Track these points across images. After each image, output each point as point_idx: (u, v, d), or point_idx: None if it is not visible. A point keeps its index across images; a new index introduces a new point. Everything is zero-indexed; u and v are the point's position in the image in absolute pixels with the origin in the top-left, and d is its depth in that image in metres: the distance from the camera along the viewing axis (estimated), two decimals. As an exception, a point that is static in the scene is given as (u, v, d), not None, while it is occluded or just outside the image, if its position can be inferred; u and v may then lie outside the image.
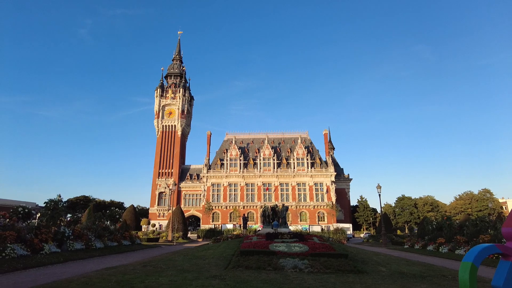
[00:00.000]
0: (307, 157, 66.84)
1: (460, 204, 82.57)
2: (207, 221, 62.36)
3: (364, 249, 20.07)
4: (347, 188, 73.75)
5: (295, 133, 74.29)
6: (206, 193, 65.47)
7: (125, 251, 19.13)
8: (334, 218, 61.42)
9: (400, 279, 9.97)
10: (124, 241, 21.77)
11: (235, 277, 9.65)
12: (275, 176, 65.86)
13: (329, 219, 61.51)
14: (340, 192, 69.58)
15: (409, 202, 79.96)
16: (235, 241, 18.52)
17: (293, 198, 64.62)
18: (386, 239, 29.10)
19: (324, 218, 62.81)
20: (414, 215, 76.75)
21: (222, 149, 71.51)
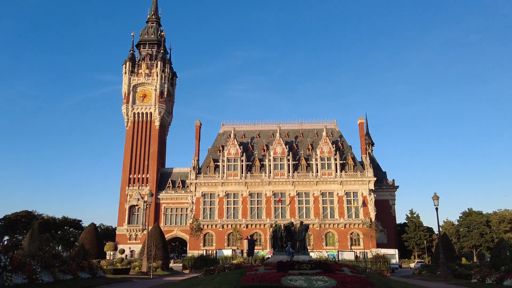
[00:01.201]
0: (335, 156, 66.83)
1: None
2: (197, 246, 62.77)
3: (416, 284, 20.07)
4: (391, 200, 73.61)
5: (318, 122, 74.30)
6: (195, 206, 65.83)
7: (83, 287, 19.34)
8: (373, 241, 61.41)
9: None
10: (82, 273, 21.97)
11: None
12: (290, 183, 66.00)
13: (366, 242, 61.51)
14: (381, 205, 69.43)
15: (479, 218, 79.49)
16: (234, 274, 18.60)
17: (315, 213, 64.72)
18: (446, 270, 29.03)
19: (359, 242, 62.74)
20: (486, 237, 76.27)
21: (217, 145, 71.80)
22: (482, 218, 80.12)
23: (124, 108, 79.20)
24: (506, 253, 23.70)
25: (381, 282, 15.84)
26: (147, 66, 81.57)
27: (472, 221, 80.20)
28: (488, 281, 22.68)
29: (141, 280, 25.49)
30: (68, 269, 20.73)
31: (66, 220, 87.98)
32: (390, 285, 15.65)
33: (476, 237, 77.91)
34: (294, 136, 72.86)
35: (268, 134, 72.98)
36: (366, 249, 57.97)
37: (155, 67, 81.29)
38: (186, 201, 70.29)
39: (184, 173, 75.13)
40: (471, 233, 79.89)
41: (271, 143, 69.89)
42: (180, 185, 74.61)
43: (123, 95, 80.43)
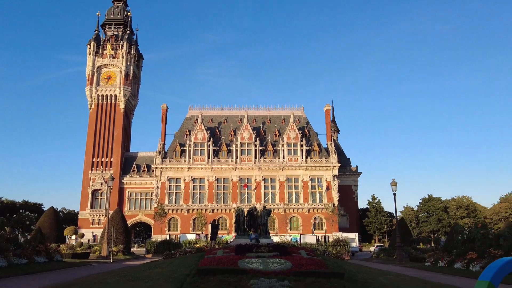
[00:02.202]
0: (302, 142, 67.55)
1: (505, 207, 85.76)
2: (161, 231, 62.52)
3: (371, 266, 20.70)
4: (354, 185, 75.26)
5: (286, 109, 74.79)
6: (160, 191, 65.42)
7: (39, 271, 19.13)
8: (335, 225, 62.77)
9: (410, 306, 10.38)
10: (38, 257, 21.67)
11: (186, 304, 9.81)
12: (256, 169, 66.41)
13: (329, 226, 62.82)
14: (345, 191, 70.92)
15: (438, 204, 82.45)
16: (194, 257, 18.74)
17: (280, 198, 65.50)
18: (402, 253, 30.08)
19: (322, 226, 64.09)
20: (443, 222, 79.28)
21: (184, 130, 71.27)
22: (441, 204, 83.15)
23: (88, 90, 77.17)
24: (458, 237, 24.73)
25: (335, 264, 16.29)
26: (112, 47, 79.60)
27: (431, 207, 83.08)
28: (440, 264, 23.67)
29: (100, 265, 25.27)
30: (24, 253, 20.41)
31: (26, 204, 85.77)
32: (344, 267, 16.09)
33: (435, 223, 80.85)
34: (261, 122, 73.09)
35: (236, 119, 72.90)
36: (328, 233, 59.28)
37: (120, 48, 79.41)
38: (151, 186, 69.66)
39: (150, 158, 74.32)
40: (430, 218, 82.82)
41: (238, 128, 69.88)
42: (145, 170, 73.77)
43: (87, 77, 78.31)
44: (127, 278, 14.39)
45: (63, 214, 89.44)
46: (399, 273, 19.09)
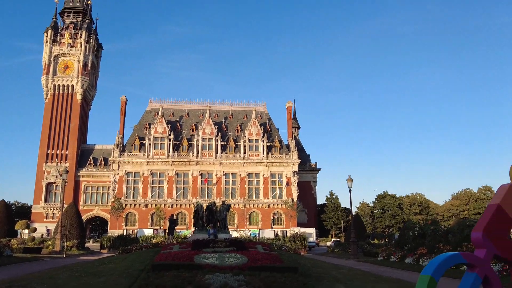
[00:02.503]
0: (263, 138, 67.97)
1: (456, 204, 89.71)
2: (118, 225, 61.43)
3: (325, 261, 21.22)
4: (313, 182, 76.54)
5: (248, 104, 74.96)
6: (117, 185, 64.22)
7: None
8: (293, 220, 63.65)
9: (359, 299, 10.76)
10: (-14, 252, 20.93)
11: (138, 300, 9.78)
12: (218, 164, 66.31)
13: (288, 221, 63.67)
14: (304, 187, 72.01)
15: (393, 201, 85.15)
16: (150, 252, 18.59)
17: (241, 194, 65.75)
18: (356, 248, 30.91)
19: (281, 221, 64.88)
20: (397, 218, 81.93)
21: (143, 123, 70.14)
22: (395, 200, 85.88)
23: (44, 79, 74.48)
24: (409, 233, 25.70)
25: (291, 259, 16.58)
26: (71, 36, 77.13)
27: (386, 203, 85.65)
28: (392, 259, 24.50)
29: (52, 260, 24.60)
30: (-30, 248, 19.65)
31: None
32: (300, 261, 16.43)
33: (389, 218, 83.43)
34: (223, 117, 72.98)
35: (198, 113, 72.43)
36: (287, 228, 60.13)
37: (79, 37, 77.10)
38: (108, 180, 68.23)
39: (107, 151, 72.74)
40: (385, 214, 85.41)
41: (200, 123, 69.49)
42: (102, 163, 72.14)
43: (43, 65, 75.53)
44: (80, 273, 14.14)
45: (15, 208, 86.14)
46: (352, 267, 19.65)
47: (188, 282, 12.04)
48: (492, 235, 6.35)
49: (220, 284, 11.80)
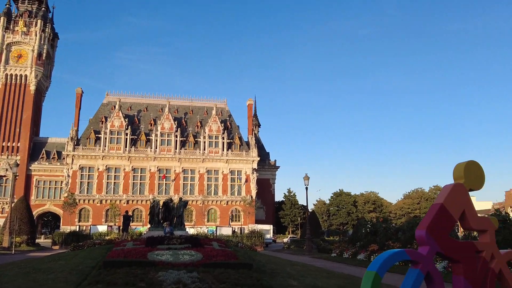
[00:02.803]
0: (223, 134, 67.81)
1: (408, 203, 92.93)
2: (71, 221, 59.63)
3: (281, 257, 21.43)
4: (272, 179, 77.18)
5: (209, 100, 74.53)
6: (71, 180, 62.30)
7: None
8: (251, 217, 63.97)
9: (310, 295, 10.97)
10: None
11: (88, 297, 9.57)
12: (176, 160, 65.59)
13: (246, 218, 63.88)
14: (263, 184, 72.40)
15: (348, 199, 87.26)
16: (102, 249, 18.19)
17: (200, 190, 65.38)
18: (311, 245, 31.49)
19: (240, 218, 65.05)
20: (352, 216, 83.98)
21: (99, 116, 68.36)
22: (350, 198, 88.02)
23: (-5, 68, 71.24)
24: (362, 230, 26.44)
25: (246, 255, 16.68)
26: (25, 24, 73.95)
27: (342, 201, 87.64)
28: (345, 255, 25.16)
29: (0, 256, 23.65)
30: None
31: None
32: (255, 258, 16.55)
33: (344, 216, 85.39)
34: (183, 112, 72.22)
35: (157, 108, 71.32)
36: (245, 224, 60.39)
37: (34, 25, 74.07)
38: (62, 174, 66.12)
39: (61, 144, 70.43)
40: (340, 211, 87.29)
41: (159, 117, 68.48)
42: (56, 157, 69.74)
43: (-6, 53, 72.22)
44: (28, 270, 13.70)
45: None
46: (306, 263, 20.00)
47: (140, 279, 11.88)
48: (435, 233, 6.64)
49: (173, 281, 11.72)
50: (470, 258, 6.83)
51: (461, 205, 6.99)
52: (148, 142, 66.35)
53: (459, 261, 6.73)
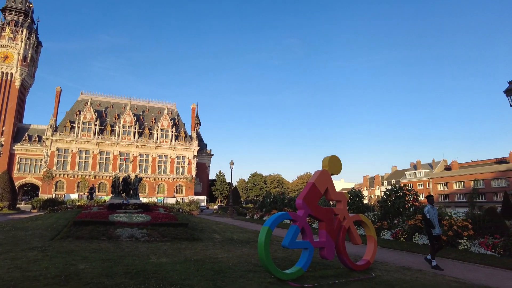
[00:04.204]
0: (172, 129, 65.95)
1: (300, 182, 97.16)
2: (48, 191, 54.93)
3: (210, 219, 21.67)
4: (208, 163, 76.56)
5: (162, 103, 72.00)
6: (49, 159, 57.16)
7: None
8: (191, 191, 63.13)
9: (227, 244, 11.35)
10: None
11: (60, 247, 9.14)
12: (134, 146, 62.68)
13: (187, 191, 62.92)
14: (201, 166, 71.73)
15: (260, 178, 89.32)
16: (73, 212, 17.18)
17: (152, 170, 63.13)
18: (233, 210, 31.99)
19: (182, 191, 63.87)
20: (263, 190, 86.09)
21: (75, 110, 63.31)
22: (262, 178, 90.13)
23: (-17, 65, 62.96)
24: (267, 200, 27.44)
25: (184, 218, 16.66)
26: (12, 31, 65.77)
27: (256, 180, 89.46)
28: (256, 217, 26.02)
29: (-16, 218, 21.32)
30: None
31: None
32: (191, 219, 16.59)
33: (257, 190, 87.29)
34: (141, 110, 69.08)
35: (121, 106, 67.49)
36: (186, 196, 59.46)
37: (20, 33, 66.23)
38: (41, 154, 60.44)
39: (41, 130, 64.33)
40: (255, 187, 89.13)
41: (122, 113, 64.87)
42: (37, 140, 63.52)
43: (-17, 53, 63.76)
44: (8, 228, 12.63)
45: None
46: (228, 223, 20.42)
47: (103, 234, 11.55)
48: (308, 201, 7.30)
49: (127, 236, 11.52)
50: (330, 219, 7.60)
51: (325, 184, 7.74)
52: (113, 132, 62.66)
53: (323, 220, 7.48)
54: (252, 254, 9.20)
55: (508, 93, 12.13)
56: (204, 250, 9.74)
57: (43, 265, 6.77)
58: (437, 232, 8.60)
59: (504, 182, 59.60)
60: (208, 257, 8.51)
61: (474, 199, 17.55)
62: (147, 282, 5.73)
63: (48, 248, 8.86)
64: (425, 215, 8.94)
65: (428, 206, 9.01)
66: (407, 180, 78.00)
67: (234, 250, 10.12)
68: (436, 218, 8.68)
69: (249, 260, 8.33)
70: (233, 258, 8.58)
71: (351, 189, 19.03)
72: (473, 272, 8.23)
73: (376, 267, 8.08)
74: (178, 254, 8.89)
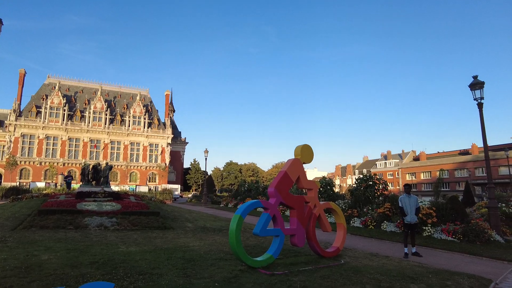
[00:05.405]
0: (145, 116, 64.35)
1: (275, 171, 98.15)
2: (12, 178, 52.41)
3: (183, 207, 21.48)
4: (182, 151, 75.62)
5: (134, 88, 69.86)
6: (13, 145, 54.35)
7: None
8: (165, 179, 62.24)
9: (200, 233, 11.29)
10: None
11: (22, 238, 8.74)
12: (105, 133, 60.72)
13: (160, 180, 61.98)
14: (175, 155, 70.72)
15: (236, 167, 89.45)
16: (39, 200, 16.47)
17: (124, 157, 61.56)
18: (207, 199, 31.87)
19: (156, 179, 62.86)
20: (238, 179, 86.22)
21: (41, 94, 60.26)
22: (238, 167, 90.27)
23: None
24: (241, 189, 27.54)
25: (156, 206, 16.40)
26: (-31, 8, 61.65)
27: (231, 168, 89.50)
28: (230, 206, 26.04)
29: None
30: None
31: None
32: (163, 208, 16.37)
33: (233, 179, 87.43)
34: (113, 96, 66.76)
35: (91, 91, 64.90)
36: (159, 184, 58.54)
37: (-22, 11, 62.16)
38: (4, 140, 57.27)
39: (3, 114, 60.75)
40: (230, 176, 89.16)
41: (92, 99, 62.46)
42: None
43: None
44: (-34, 218, 11.91)
45: None
46: (201, 211, 20.32)
47: (70, 223, 11.17)
48: (280, 190, 7.33)
49: (96, 224, 11.19)
50: (301, 206, 7.68)
51: (297, 172, 7.79)
52: (83, 118, 60.33)
53: (294, 208, 7.55)
54: (224, 242, 9.20)
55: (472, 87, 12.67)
56: (175, 239, 9.63)
57: (2, 256, 6.44)
58: (408, 219, 8.87)
59: (466, 172, 62.85)
60: (179, 246, 8.42)
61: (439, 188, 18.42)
62: (115, 271, 5.58)
63: (9, 239, 8.45)
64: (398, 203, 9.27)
65: (404, 195, 9.31)
66: (377, 170, 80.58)
67: (206, 238, 10.07)
68: (411, 206, 8.91)
69: (221, 248, 8.31)
70: (204, 246, 8.53)
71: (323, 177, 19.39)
72: (435, 257, 8.63)
73: (345, 253, 8.30)
74: (148, 243, 8.74)
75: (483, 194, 49.53)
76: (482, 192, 54.04)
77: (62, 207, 12.90)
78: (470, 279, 6.14)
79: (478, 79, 12.46)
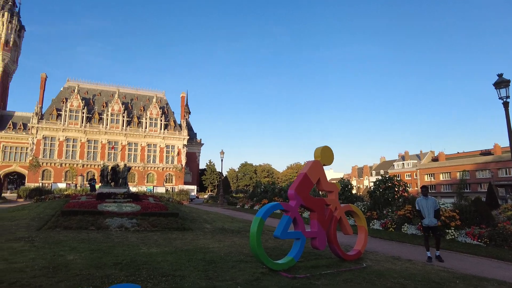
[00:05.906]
0: (161, 118, 65.24)
1: (290, 172, 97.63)
2: (35, 179, 54.01)
3: (200, 208, 21.64)
4: (198, 152, 76.25)
5: (151, 91, 70.96)
6: (35, 147, 56.02)
7: None
8: (181, 180, 62.91)
9: (218, 234, 11.34)
10: None
11: (47, 238, 8.98)
12: (123, 135, 61.86)
13: (177, 181, 62.68)
14: (190, 156, 71.36)
15: (251, 168, 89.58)
16: (61, 201, 16.90)
17: (141, 159, 62.57)
18: (223, 200, 31.94)
19: (172, 180, 63.59)
20: (253, 180, 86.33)
21: (61, 97, 61.95)
22: (253, 168, 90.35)
23: (-36, 50, 60.84)
24: (258, 190, 27.50)
25: (174, 207, 16.57)
26: (-8, 14, 63.86)
27: (246, 169, 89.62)
28: (246, 207, 26.04)
29: (-32, 207, 20.82)
30: None
31: None
32: (181, 209, 16.52)
33: (248, 180, 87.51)
34: (130, 99, 68.01)
35: (109, 94, 66.29)
36: (176, 185, 59.16)
37: (1, 16, 64.12)
38: (27, 142, 59.12)
39: (27, 117, 62.84)
40: (245, 177, 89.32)
41: (110, 101, 63.77)
42: (22, 127, 62.06)
43: (-37, 38, 61.51)
44: (-6, 218, 12.34)
45: None
46: (218, 212, 20.43)
47: (92, 224, 11.39)
48: (300, 192, 7.28)
49: (117, 225, 11.39)
50: (322, 209, 7.61)
51: (317, 174, 7.72)
52: (101, 120, 61.67)
53: (315, 211, 7.48)
54: (244, 244, 9.20)
55: (497, 85, 12.26)
56: (195, 240, 9.71)
57: (30, 256, 6.64)
58: (426, 222, 8.65)
59: (488, 173, 61.01)
60: (199, 247, 8.48)
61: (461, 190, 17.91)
62: (138, 273, 5.66)
63: (35, 239, 8.70)
64: (415, 206, 9.05)
65: (421, 197, 9.07)
66: (395, 171, 79.16)
67: (225, 240, 10.11)
68: (428, 209, 8.66)
69: (241, 250, 8.32)
70: (224, 248, 8.56)
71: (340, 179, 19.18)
72: (460, 261, 8.40)
73: (366, 257, 8.17)
74: (168, 244, 8.83)
75: (507, 196, 47.97)
76: (506, 193, 52.35)
77: (84, 208, 13.18)
78: (500, 286, 5.93)
79: (503, 77, 12.05)
